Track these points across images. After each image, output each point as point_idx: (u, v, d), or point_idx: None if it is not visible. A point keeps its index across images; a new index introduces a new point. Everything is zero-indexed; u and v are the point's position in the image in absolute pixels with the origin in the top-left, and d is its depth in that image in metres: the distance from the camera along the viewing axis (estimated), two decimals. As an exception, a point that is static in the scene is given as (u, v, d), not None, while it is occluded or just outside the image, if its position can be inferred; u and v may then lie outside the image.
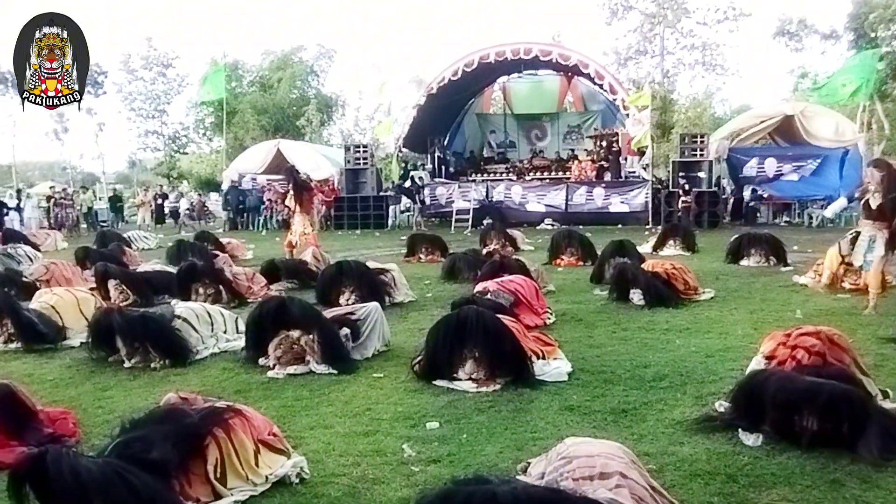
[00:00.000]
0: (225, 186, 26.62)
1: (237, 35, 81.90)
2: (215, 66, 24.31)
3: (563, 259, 12.53)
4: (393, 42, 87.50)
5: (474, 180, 24.47)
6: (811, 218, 20.95)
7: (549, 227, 20.60)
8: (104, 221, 27.94)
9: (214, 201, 31.98)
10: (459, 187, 23.74)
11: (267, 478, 3.56)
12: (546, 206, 22.82)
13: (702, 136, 22.46)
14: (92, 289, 8.97)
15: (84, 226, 26.69)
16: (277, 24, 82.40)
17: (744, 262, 11.93)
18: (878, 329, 6.85)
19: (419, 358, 5.50)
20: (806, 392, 3.87)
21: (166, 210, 28.56)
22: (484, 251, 12.77)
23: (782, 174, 21.89)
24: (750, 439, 3.96)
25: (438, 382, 5.20)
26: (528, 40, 24.13)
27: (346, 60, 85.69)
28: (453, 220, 22.47)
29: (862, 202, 7.68)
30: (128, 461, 2.98)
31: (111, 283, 8.98)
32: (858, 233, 7.80)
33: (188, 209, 27.43)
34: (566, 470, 2.76)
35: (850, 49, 36.49)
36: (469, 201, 22.86)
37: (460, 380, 5.12)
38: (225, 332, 6.76)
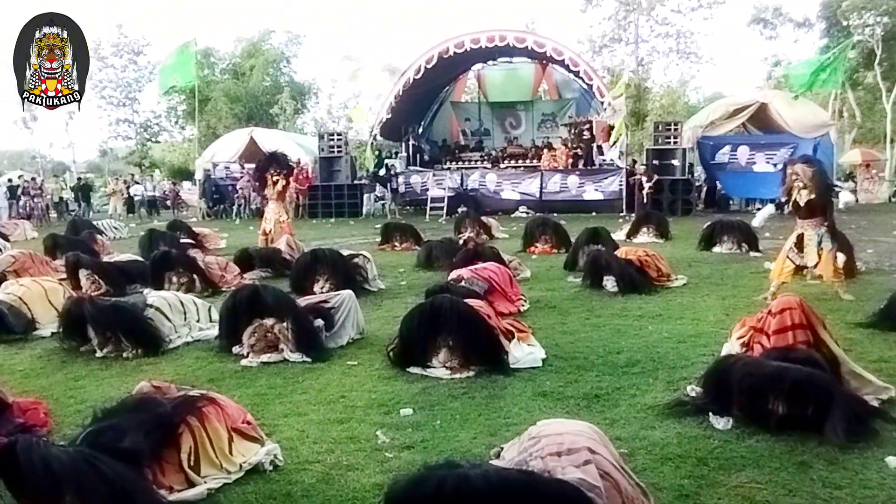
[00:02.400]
0: (199, 175, 26.33)
1: (209, 22, 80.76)
2: (184, 51, 23.82)
3: (537, 247, 12.61)
4: (365, 29, 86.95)
5: (449, 168, 24.50)
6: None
7: (524, 215, 20.70)
8: (74, 211, 27.52)
9: (188, 190, 31.62)
10: (434, 175, 23.73)
11: (241, 465, 3.56)
12: (521, 193, 22.92)
13: (675, 124, 22.65)
14: (62, 279, 8.84)
15: (54, 215, 26.27)
16: (248, 10, 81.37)
17: (716, 249, 12.09)
18: (847, 314, 6.99)
19: (393, 345, 5.51)
20: (771, 377, 3.94)
21: (135, 198, 28.16)
22: (459, 239, 12.79)
23: (755, 163, 22.18)
24: (720, 423, 4.03)
25: (412, 369, 5.21)
26: (503, 28, 24.13)
27: (318, 48, 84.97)
28: (428, 208, 22.48)
29: (791, 203, 7.60)
30: (99, 450, 2.96)
31: (82, 273, 8.86)
32: (800, 235, 7.68)
33: (160, 196, 27.13)
34: (535, 449, 2.79)
35: (822, 37, 36.96)
36: (444, 189, 22.89)
37: (434, 367, 5.14)
38: (198, 321, 6.71)
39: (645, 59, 42.75)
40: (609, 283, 8.40)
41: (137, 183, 29.75)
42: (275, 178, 12.41)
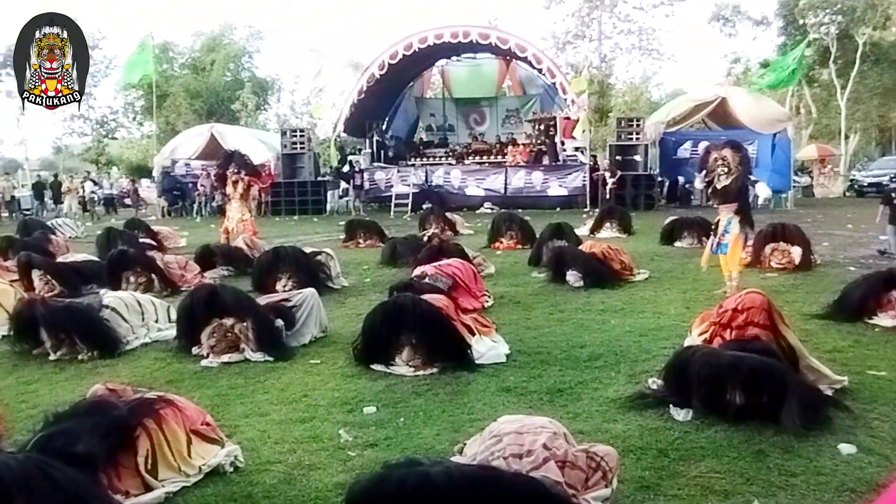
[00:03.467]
0: (156, 172, 25.86)
1: (166, 15, 79.29)
2: (142, 47, 23.35)
3: (502, 242, 12.64)
4: (329, 25, 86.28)
5: (413, 165, 24.44)
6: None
7: (489, 211, 20.76)
8: (28, 210, 26.82)
9: (146, 188, 31.04)
10: (399, 172, 23.66)
11: (200, 468, 3.49)
12: (485, 190, 22.96)
13: (638, 121, 22.90)
14: (14, 280, 8.60)
15: (5, 214, 25.58)
16: (208, 4, 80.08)
17: (677, 244, 12.27)
18: (804, 306, 7.14)
19: (357, 343, 5.47)
20: (729, 366, 4.00)
21: (95, 197, 27.56)
22: (423, 236, 12.77)
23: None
24: (680, 415, 4.08)
25: (376, 367, 5.18)
26: (467, 24, 24.14)
27: (280, 43, 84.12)
28: (393, 204, 22.39)
29: (710, 188, 7.64)
30: (51, 456, 2.86)
31: (35, 274, 8.63)
32: (717, 221, 7.74)
33: (118, 194, 26.59)
34: (497, 449, 2.80)
35: (779, 35, 37.75)
36: (408, 186, 22.82)
37: (398, 365, 5.11)
38: (156, 322, 6.58)
39: (608, 56, 43.23)
40: (572, 277, 8.46)
41: (94, 182, 29.09)
42: (234, 178, 12.25)
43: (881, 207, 11.13)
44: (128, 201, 27.74)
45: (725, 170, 7.46)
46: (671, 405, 4.17)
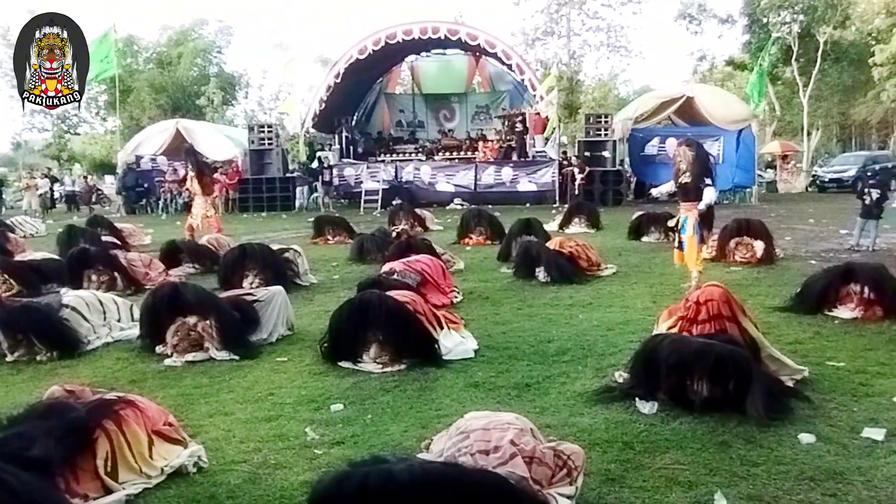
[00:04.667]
0: (120, 169, 25.38)
1: (132, 8, 77.81)
2: (103, 40, 22.84)
3: (471, 238, 12.66)
4: (296, 20, 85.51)
5: (383, 161, 24.33)
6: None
7: (459, 207, 20.77)
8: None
9: (110, 184, 30.49)
10: (368, 168, 23.54)
11: (162, 469, 3.43)
12: (455, 185, 22.97)
13: (606, 117, 23.08)
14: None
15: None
16: (175, -1, 78.74)
17: (645, 239, 12.40)
18: (766, 299, 7.26)
19: (324, 340, 5.42)
20: (697, 353, 4.07)
21: (57, 194, 27.00)
22: (393, 232, 12.72)
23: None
24: (646, 407, 4.11)
25: (343, 364, 5.14)
26: (436, 19, 24.09)
27: (248, 38, 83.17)
28: (362, 200, 22.27)
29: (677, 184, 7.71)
30: (5, 460, 2.79)
31: (-7, 273, 8.40)
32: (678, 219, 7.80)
33: (80, 191, 26.06)
34: (464, 445, 2.79)
35: (744, 33, 38.33)
36: (378, 182, 22.72)
37: (365, 362, 5.08)
38: (119, 321, 6.45)
39: (577, 53, 43.50)
40: (541, 273, 8.49)
41: (54, 178, 28.45)
42: (190, 174, 12.16)
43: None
44: (82, 200, 27.12)
45: (683, 167, 7.53)
46: (637, 398, 4.21)
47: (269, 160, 23.36)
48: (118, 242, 12.37)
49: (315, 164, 24.52)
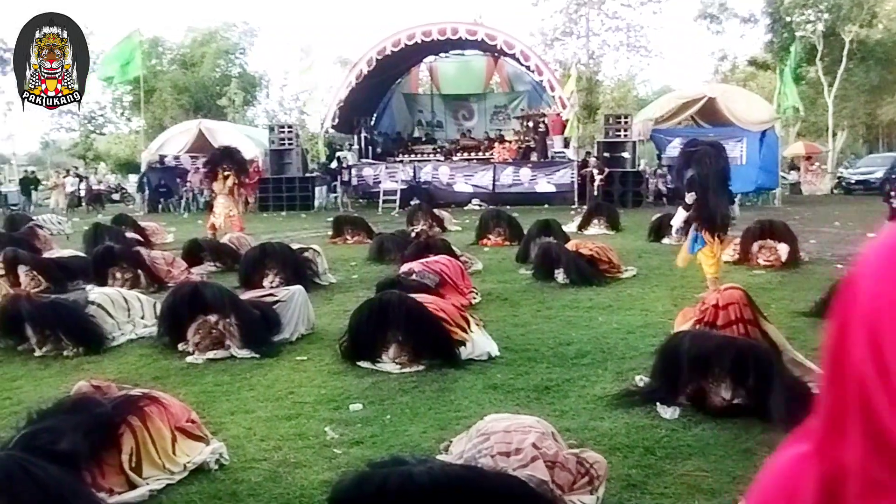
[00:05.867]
0: (144, 168, 25.67)
1: (155, 11, 78.70)
2: (127, 43, 23.10)
3: (489, 239, 12.64)
4: (317, 20, 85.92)
5: (402, 161, 24.37)
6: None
7: (477, 208, 20.75)
8: (14, 205, 26.58)
9: (133, 183, 30.86)
10: (387, 168, 23.60)
11: (185, 465, 3.47)
12: (473, 186, 22.95)
13: (625, 117, 22.94)
14: (-1, 275, 8.52)
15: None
16: (199, 1, 79.49)
17: (665, 241, 12.28)
18: (791, 303, 7.17)
19: (344, 339, 5.45)
20: (718, 347, 4.05)
21: (81, 193, 27.33)
22: (411, 232, 12.75)
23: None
24: (667, 413, 4.08)
25: (362, 364, 5.17)
26: (455, 20, 24.09)
27: (270, 39, 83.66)
28: (381, 201, 22.33)
29: None
30: (34, 453, 2.84)
31: (21, 269, 8.55)
32: None
33: (104, 190, 26.34)
34: (485, 447, 2.79)
35: (766, 33, 37.90)
36: (396, 182, 22.78)
37: (384, 362, 5.10)
38: (143, 318, 6.54)
39: (596, 53, 43.28)
40: (560, 274, 8.47)
41: (80, 177, 28.82)
42: (226, 174, 12.20)
43: None
44: (115, 197, 27.42)
45: None
46: (658, 403, 4.18)
47: (289, 160, 23.51)
48: (141, 240, 12.52)
49: (334, 164, 24.64)
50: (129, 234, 12.61)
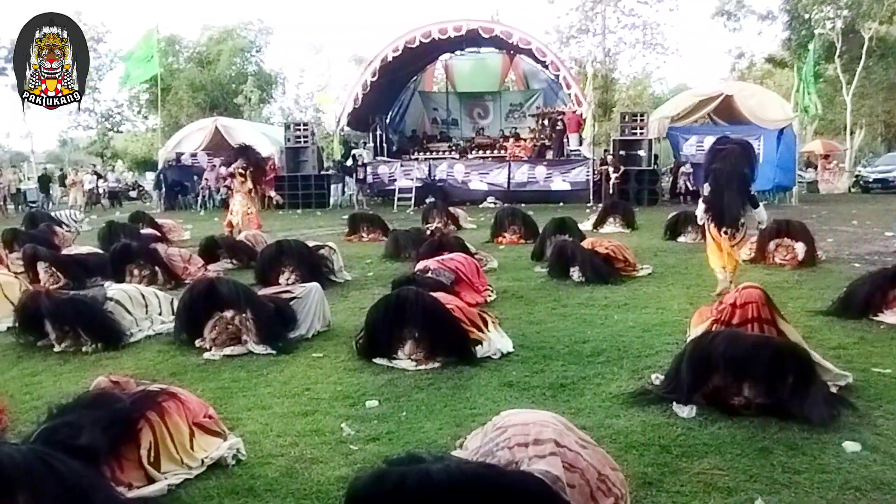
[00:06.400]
0: (160, 166, 25.88)
1: (171, 8, 79.08)
2: (146, 42, 23.25)
3: (505, 237, 12.63)
4: (333, 19, 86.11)
5: (417, 159, 24.40)
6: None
7: (492, 206, 20.73)
8: (33, 202, 26.86)
9: (150, 181, 31.10)
10: (402, 166, 23.63)
11: (202, 460, 3.49)
12: (488, 184, 22.94)
13: (641, 115, 22.82)
14: (19, 272, 8.62)
15: (11, 206, 25.64)
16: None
17: (681, 239, 12.23)
18: (808, 302, 7.11)
19: (360, 336, 5.47)
20: (754, 347, 4.00)
21: (101, 190, 27.58)
22: (426, 230, 12.75)
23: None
24: (684, 411, 4.05)
25: (378, 361, 5.18)
26: (470, 17, 24.06)
27: (285, 37, 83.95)
28: (396, 198, 22.37)
29: None
30: (55, 448, 2.87)
31: (40, 266, 8.66)
32: None
33: (122, 188, 26.54)
34: (501, 439, 2.78)
35: (784, 30, 37.55)
36: (412, 180, 22.81)
37: (400, 359, 5.11)
38: (160, 314, 6.59)
39: (612, 50, 43.10)
40: (575, 273, 8.44)
41: (98, 175, 29.10)
42: (241, 172, 12.28)
43: None
44: (132, 194, 27.58)
45: None
46: (674, 402, 4.16)
47: (305, 158, 23.58)
48: (160, 237, 12.63)
49: (349, 162, 24.70)
50: (147, 231, 12.72)
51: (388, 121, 28.08)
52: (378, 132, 26.20)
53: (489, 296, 7.61)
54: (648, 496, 3.15)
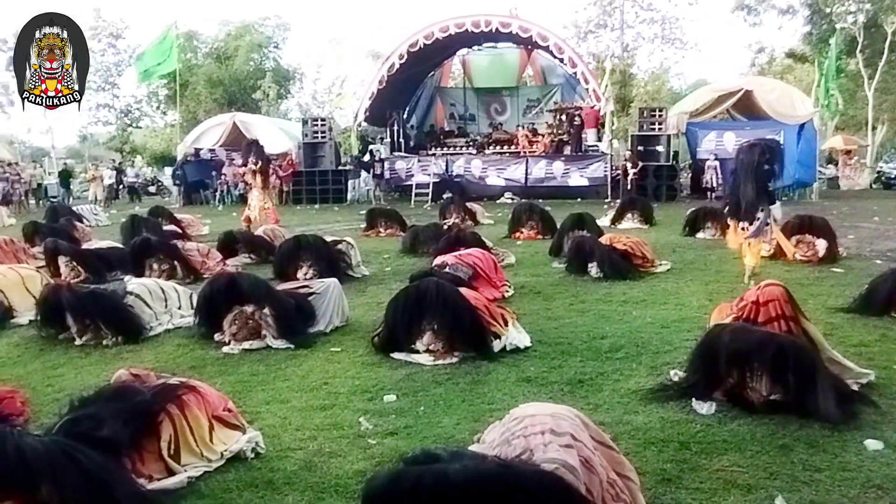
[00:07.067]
0: (179, 161, 26.07)
1: (189, 4, 79.48)
2: (165, 38, 23.39)
3: (522, 232, 12.61)
4: (349, 13, 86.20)
5: (434, 154, 24.41)
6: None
7: (509, 201, 20.70)
8: (54, 197, 27.18)
9: (169, 176, 31.36)
10: (419, 161, 23.65)
11: (222, 453, 3.52)
12: (506, 179, 22.89)
13: (660, 111, 22.66)
14: (41, 266, 8.72)
15: (33, 201, 25.96)
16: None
17: (700, 235, 12.15)
18: (829, 299, 7.04)
19: (378, 331, 5.48)
20: (759, 342, 3.98)
21: (121, 186, 27.84)
22: (444, 225, 12.75)
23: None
24: (703, 408, 4.03)
25: (396, 355, 5.19)
26: (488, 12, 23.98)
27: (303, 33, 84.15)
28: (413, 194, 22.39)
29: None
30: (77, 439, 2.91)
31: (62, 260, 8.74)
32: None
33: (141, 183, 26.76)
34: (518, 428, 2.76)
35: (805, 24, 37.08)
36: (429, 175, 22.81)
37: (418, 352, 5.11)
38: (179, 308, 6.64)
39: (630, 45, 42.79)
40: (593, 268, 8.40)
41: (118, 170, 29.36)
42: (252, 168, 12.38)
43: None
44: (151, 189, 27.82)
45: None
46: (693, 398, 4.13)
47: (323, 153, 23.67)
48: (179, 232, 12.72)
49: (367, 158, 24.74)
50: (169, 228, 12.82)
51: (405, 116, 28.09)
52: (395, 127, 26.22)
53: (507, 291, 7.60)
54: (668, 493, 3.13)
